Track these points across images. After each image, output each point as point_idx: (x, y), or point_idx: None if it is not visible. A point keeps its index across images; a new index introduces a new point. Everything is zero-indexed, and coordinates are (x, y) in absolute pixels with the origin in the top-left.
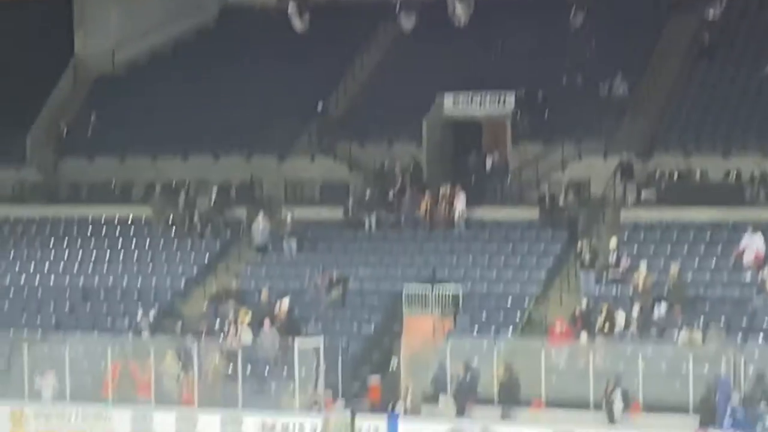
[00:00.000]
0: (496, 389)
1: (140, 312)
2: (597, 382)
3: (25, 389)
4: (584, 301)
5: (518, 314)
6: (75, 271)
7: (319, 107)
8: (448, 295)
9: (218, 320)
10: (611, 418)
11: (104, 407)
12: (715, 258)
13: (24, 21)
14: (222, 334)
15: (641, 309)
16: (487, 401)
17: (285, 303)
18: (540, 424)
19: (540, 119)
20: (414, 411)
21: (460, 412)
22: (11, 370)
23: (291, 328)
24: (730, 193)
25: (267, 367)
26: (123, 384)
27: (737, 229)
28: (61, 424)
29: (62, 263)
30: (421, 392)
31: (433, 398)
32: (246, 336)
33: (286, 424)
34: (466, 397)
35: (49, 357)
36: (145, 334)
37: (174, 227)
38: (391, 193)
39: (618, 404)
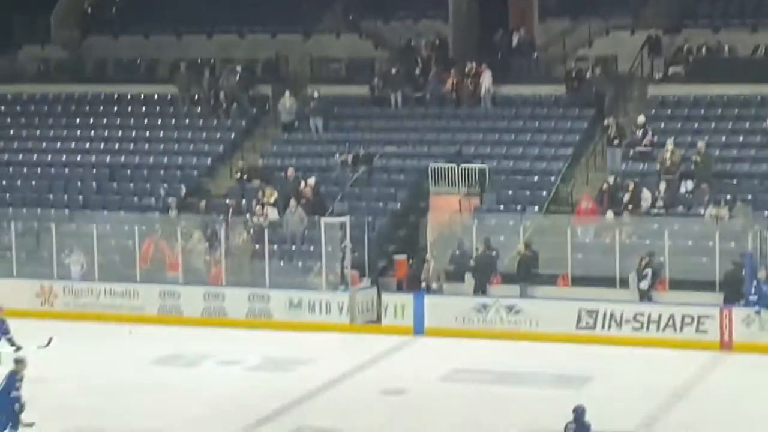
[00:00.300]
0: (521, 267)
1: (167, 190)
2: (623, 259)
3: (53, 268)
4: (611, 178)
5: (544, 192)
6: (101, 149)
7: None
8: (474, 173)
9: (244, 199)
10: (645, 295)
11: (132, 285)
12: (742, 134)
13: None
14: (248, 213)
15: (668, 185)
16: (512, 279)
17: (311, 181)
18: (565, 301)
19: None
20: (440, 289)
21: (485, 289)
22: (39, 249)
23: (317, 206)
24: (758, 69)
25: (293, 246)
26: (151, 262)
27: (765, 105)
28: (90, 300)
29: (88, 141)
30: (446, 270)
31: (458, 276)
32: (272, 214)
33: (312, 302)
34: (491, 274)
35: (76, 236)
36: (172, 212)
37: (199, 105)
38: (417, 70)
39: (648, 281)
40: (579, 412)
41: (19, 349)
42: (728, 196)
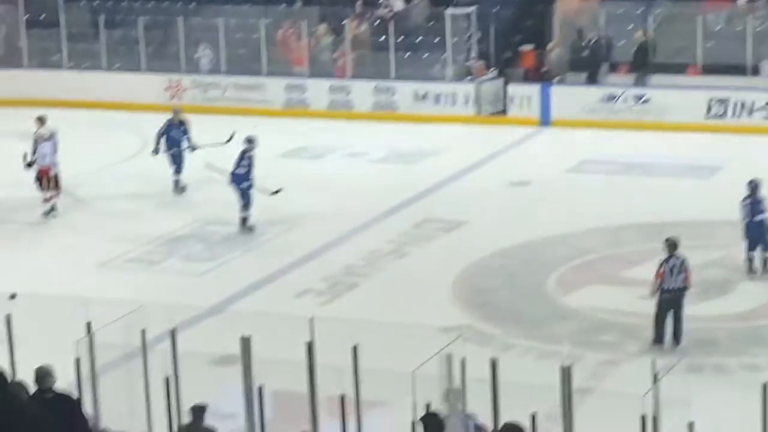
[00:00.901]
0: (638, 55)
1: None
2: (755, 46)
3: (181, 61)
4: None
5: None
6: None
7: None
8: None
9: None
10: None
11: (259, 78)
12: None
13: None
14: (374, 5)
15: None
16: (642, 70)
17: None
18: (695, 90)
19: None
20: (564, 79)
21: (596, 79)
22: (167, 43)
23: None
24: None
25: (418, 37)
26: (277, 55)
27: None
28: (217, 94)
29: None
30: (573, 60)
31: (579, 66)
32: (397, 5)
33: (438, 94)
34: (605, 63)
35: (203, 29)
36: (297, 4)
37: None
38: None
39: None
40: (754, 185)
41: (194, 149)
42: None
